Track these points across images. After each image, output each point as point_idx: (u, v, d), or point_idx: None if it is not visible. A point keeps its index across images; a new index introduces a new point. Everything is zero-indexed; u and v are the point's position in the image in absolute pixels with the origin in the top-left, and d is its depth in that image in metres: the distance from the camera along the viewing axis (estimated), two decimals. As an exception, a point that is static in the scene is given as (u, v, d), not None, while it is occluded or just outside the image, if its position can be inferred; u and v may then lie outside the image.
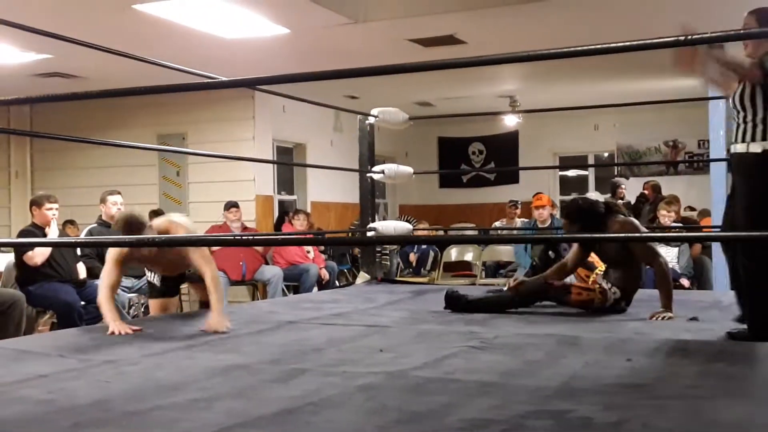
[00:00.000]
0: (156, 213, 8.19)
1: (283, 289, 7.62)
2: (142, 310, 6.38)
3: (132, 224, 3.71)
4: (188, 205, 9.02)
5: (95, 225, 6.51)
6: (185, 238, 3.65)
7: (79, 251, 6.15)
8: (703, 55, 3.04)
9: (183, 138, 8.93)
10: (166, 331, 3.58)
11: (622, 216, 4.14)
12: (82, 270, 6.06)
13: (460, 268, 9.22)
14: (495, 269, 8.87)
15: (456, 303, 4.14)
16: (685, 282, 6.49)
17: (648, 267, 4.29)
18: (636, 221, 4.22)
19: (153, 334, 3.49)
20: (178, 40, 6.27)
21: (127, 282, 6.43)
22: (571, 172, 12.58)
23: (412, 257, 9.27)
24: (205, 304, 4.02)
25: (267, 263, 7.79)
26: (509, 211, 9.73)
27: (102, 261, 6.35)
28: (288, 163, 10.10)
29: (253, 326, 3.68)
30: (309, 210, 9.54)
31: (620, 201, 9.67)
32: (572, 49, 2.20)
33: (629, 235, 4.01)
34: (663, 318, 3.68)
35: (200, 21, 5.87)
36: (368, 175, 5.70)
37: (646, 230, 4.41)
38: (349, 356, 2.90)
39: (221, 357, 2.92)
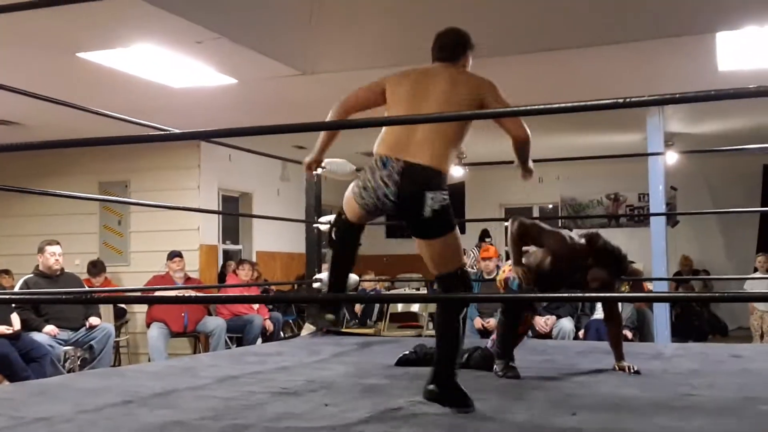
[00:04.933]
0: (95, 264, 8.02)
1: (226, 341, 7.47)
2: (78, 363, 6.17)
3: None
4: (130, 254, 8.83)
5: (32, 276, 6.33)
6: (124, 295, 3.56)
7: (13, 302, 5.95)
8: None
9: (126, 186, 8.79)
10: (102, 385, 3.46)
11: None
12: (16, 321, 5.86)
13: (407, 319, 9.19)
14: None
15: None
16: (627, 333, 6.56)
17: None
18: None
19: (89, 389, 3.36)
20: (123, 88, 6.21)
21: (63, 335, 6.24)
22: (516, 224, 12.67)
23: (358, 308, 9.22)
24: None
25: (210, 314, 7.65)
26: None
27: (37, 313, 6.18)
28: (233, 213, 10.01)
29: (194, 381, 3.59)
30: (255, 259, 9.43)
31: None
32: (514, 108, 2.26)
33: (589, 295, 3.97)
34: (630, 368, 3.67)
35: (146, 70, 5.83)
36: (315, 225, 5.67)
37: None
38: (293, 411, 2.83)
39: (160, 413, 2.82)
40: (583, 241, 3.71)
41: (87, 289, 6.87)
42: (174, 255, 7.66)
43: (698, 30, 5.15)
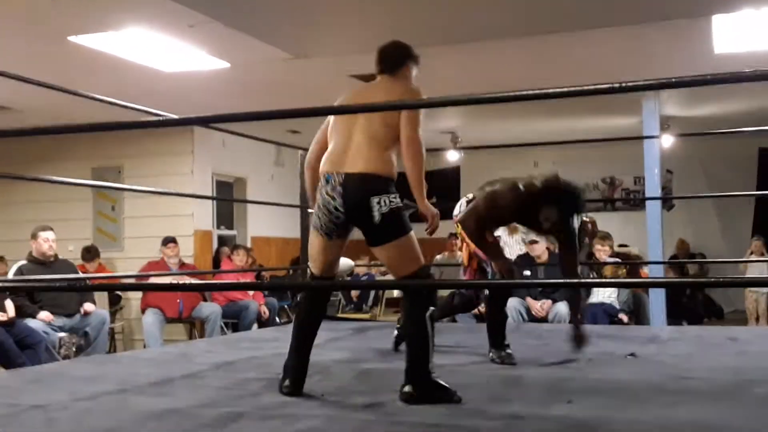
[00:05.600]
0: (89, 250, 7.99)
1: (221, 327, 7.46)
2: (74, 349, 6.15)
3: None
4: (123, 240, 8.80)
5: (25, 262, 6.30)
6: (121, 283, 3.53)
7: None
8: None
9: (119, 171, 8.74)
10: (98, 372, 3.44)
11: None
12: (10, 308, 5.84)
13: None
14: (437, 305, 8.85)
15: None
16: (623, 317, 6.57)
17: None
18: None
19: (85, 376, 3.35)
20: (115, 72, 6.16)
21: (58, 321, 6.22)
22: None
23: (354, 293, 9.21)
24: None
25: (205, 300, 7.63)
26: (450, 244, 9.75)
27: (31, 299, 6.16)
28: (227, 198, 9.97)
29: (189, 367, 3.57)
30: (249, 245, 9.41)
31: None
32: (510, 93, 2.24)
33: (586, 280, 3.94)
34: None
35: (138, 54, 5.78)
36: (309, 210, 5.64)
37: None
38: (289, 398, 2.82)
39: (154, 401, 2.81)
40: (538, 183, 3.75)
41: (81, 275, 6.84)
42: (168, 241, 7.63)
43: (694, 13, 5.12)
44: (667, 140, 8.07)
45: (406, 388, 2.73)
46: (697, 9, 5.05)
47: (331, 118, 3.09)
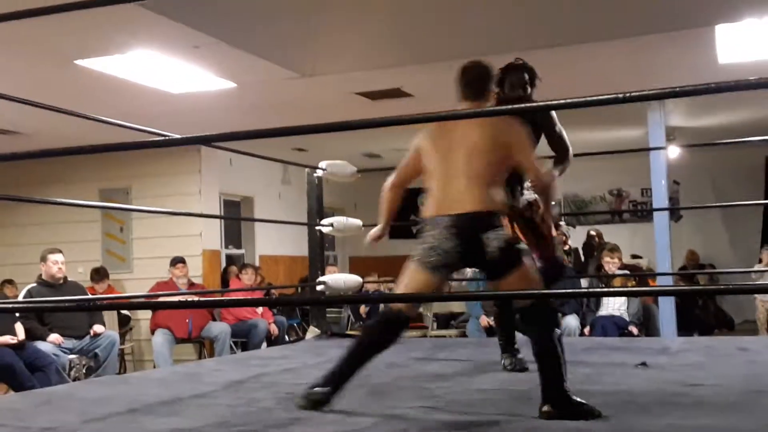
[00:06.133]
0: (98, 271, 8.01)
1: (231, 346, 7.46)
2: (84, 371, 6.16)
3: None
4: (132, 261, 8.82)
5: (35, 285, 6.32)
6: (129, 302, 3.54)
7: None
8: None
9: (126, 193, 8.78)
10: (108, 394, 3.44)
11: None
12: (20, 331, 5.85)
13: (412, 319, 9.15)
14: (447, 320, 8.84)
15: None
16: (634, 329, 6.54)
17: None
18: None
19: (95, 397, 3.35)
20: (122, 95, 6.20)
21: (68, 343, 6.23)
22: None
23: (363, 310, 9.18)
24: None
25: (214, 319, 7.63)
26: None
27: (41, 322, 6.17)
28: (235, 217, 10.00)
29: (199, 387, 3.57)
30: (258, 263, 9.42)
31: (565, 247, 9.78)
32: (516, 106, 2.24)
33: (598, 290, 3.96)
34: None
35: (145, 76, 5.82)
36: (317, 228, 5.66)
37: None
38: (299, 416, 2.82)
39: (165, 420, 2.81)
40: None
41: (91, 296, 6.85)
42: (177, 261, 7.65)
43: (698, 23, 5.14)
44: (674, 151, 8.07)
45: (545, 408, 2.70)
46: (700, 19, 5.06)
47: (423, 151, 3.08)
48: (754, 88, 2.10)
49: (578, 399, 2.72)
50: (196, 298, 6.86)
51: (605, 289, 3.67)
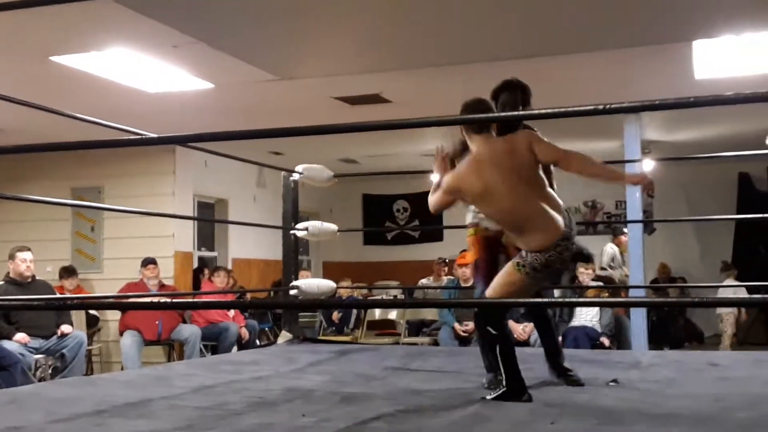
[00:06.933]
0: (67, 270, 7.90)
1: (200, 349, 7.38)
2: (50, 372, 6.06)
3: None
4: (102, 261, 8.71)
5: (2, 283, 6.22)
6: (98, 302, 3.48)
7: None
8: None
9: (99, 192, 8.67)
10: (74, 394, 3.38)
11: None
12: (-14, 330, 5.75)
13: (384, 326, 9.14)
14: (419, 327, 8.82)
15: None
16: (605, 341, 6.57)
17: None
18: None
19: (61, 398, 3.29)
20: (98, 92, 6.13)
21: (34, 343, 6.13)
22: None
23: (335, 315, 9.15)
24: None
25: (185, 321, 7.55)
26: (438, 268, 9.71)
27: (7, 321, 6.06)
28: (209, 219, 9.92)
29: (168, 390, 3.52)
30: (230, 266, 9.34)
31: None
32: (498, 115, 2.24)
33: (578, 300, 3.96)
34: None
35: (121, 74, 5.75)
36: (292, 232, 5.62)
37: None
38: (269, 421, 2.78)
39: (132, 423, 2.76)
40: None
41: (59, 296, 6.75)
42: (148, 262, 7.56)
43: (675, 38, 5.18)
44: (648, 164, 8.13)
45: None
46: (678, 34, 5.11)
47: (461, 183, 3.22)
48: (730, 103, 2.11)
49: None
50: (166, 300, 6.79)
51: (579, 300, 3.71)
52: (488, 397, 3.18)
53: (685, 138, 8.74)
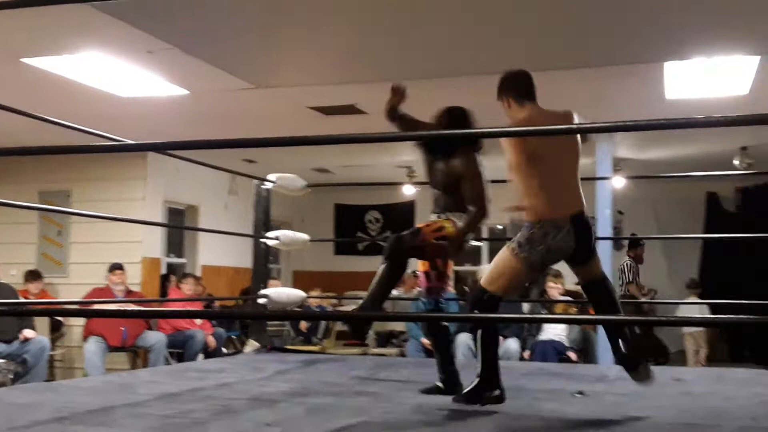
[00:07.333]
0: (32, 273, 7.78)
1: (166, 357, 7.30)
2: (11, 377, 5.96)
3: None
4: (69, 266, 8.60)
5: (-35, 285, 6.11)
6: (62, 308, 3.43)
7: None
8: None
9: (67, 195, 8.57)
10: (35, 401, 3.32)
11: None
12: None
13: (353, 336, 9.11)
14: (387, 338, 8.83)
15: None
16: (572, 355, 6.61)
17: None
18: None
19: (21, 404, 3.23)
20: (69, 96, 6.06)
21: (-3, 347, 6.03)
22: (466, 243, 12.88)
23: (303, 325, 9.11)
24: None
25: (150, 328, 7.47)
26: (411, 281, 9.67)
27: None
28: (179, 226, 9.83)
29: (131, 397, 3.47)
30: (199, 273, 9.27)
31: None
32: (473, 131, 2.26)
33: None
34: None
35: (94, 78, 5.70)
36: (262, 240, 5.59)
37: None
38: (233, 431, 2.76)
39: (94, 430, 2.72)
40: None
41: (23, 300, 6.65)
42: (115, 267, 7.47)
43: (647, 59, 5.26)
44: (619, 181, 8.22)
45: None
46: (649, 56, 5.18)
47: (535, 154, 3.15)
48: (701, 125, 2.15)
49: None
50: (133, 306, 6.70)
51: (548, 315, 3.77)
52: (464, 391, 3.28)
53: (656, 156, 8.85)
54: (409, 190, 11.60)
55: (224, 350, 8.01)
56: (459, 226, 3.53)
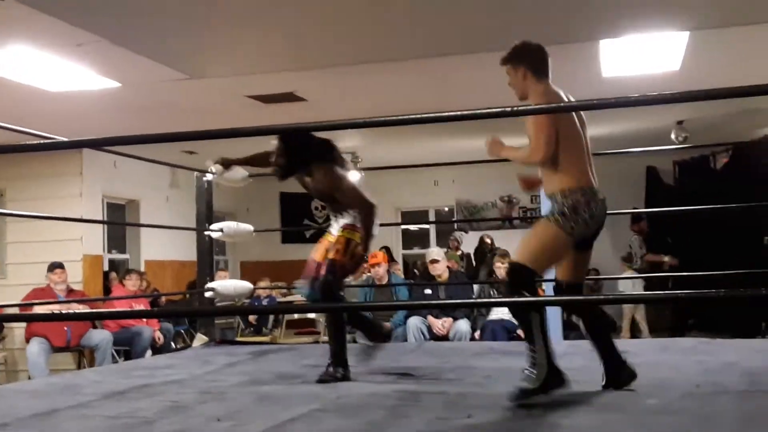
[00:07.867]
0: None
1: (112, 355, 7.16)
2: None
3: None
4: (6, 266, 8.36)
5: None
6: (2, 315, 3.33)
7: None
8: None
9: (1, 195, 8.32)
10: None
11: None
12: None
13: (304, 325, 9.08)
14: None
15: None
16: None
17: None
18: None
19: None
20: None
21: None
22: (413, 227, 12.97)
23: (252, 318, 9.04)
24: None
25: (95, 326, 7.31)
26: (361, 268, 9.66)
27: None
28: (120, 222, 9.64)
29: (77, 398, 3.39)
30: (143, 269, 9.11)
31: (457, 253, 9.93)
32: (409, 117, 2.27)
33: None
34: None
35: (22, 73, 5.51)
36: (206, 233, 5.51)
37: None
38: (184, 427, 2.71)
39: (38, 436, 2.65)
40: None
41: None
42: (55, 266, 7.28)
43: (582, 38, 5.31)
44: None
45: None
46: (584, 34, 5.23)
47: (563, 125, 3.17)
48: (636, 104, 2.18)
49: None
50: (75, 306, 6.55)
51: (499, 299, 3.81)
52: (524, 383, 2.99)
53: (596, 133, 8.90)
54: (353, 176, 11.56)
55: (173, 345, 7.89)
56: (361, 232, 3.82)
